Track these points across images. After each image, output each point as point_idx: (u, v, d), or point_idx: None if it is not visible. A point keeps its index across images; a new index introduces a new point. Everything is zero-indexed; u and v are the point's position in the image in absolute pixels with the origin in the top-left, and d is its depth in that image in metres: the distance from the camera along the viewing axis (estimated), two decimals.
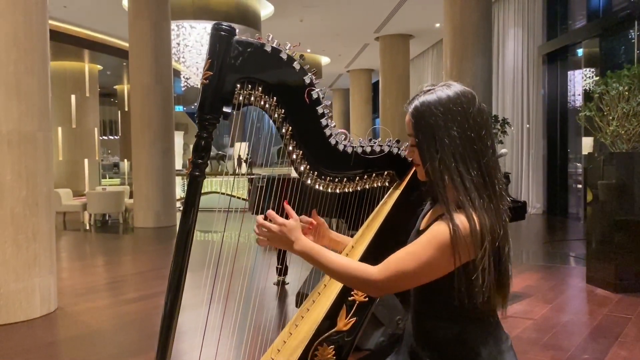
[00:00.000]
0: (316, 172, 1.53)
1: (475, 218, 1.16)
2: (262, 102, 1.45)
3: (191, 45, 11.57)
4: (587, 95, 8.71)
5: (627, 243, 4.92)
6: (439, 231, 1.17)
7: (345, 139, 1.53)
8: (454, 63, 9.49)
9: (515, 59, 11.00)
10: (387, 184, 1.63)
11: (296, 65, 1.46)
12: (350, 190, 1.59)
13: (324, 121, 1.50)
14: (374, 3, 11.77)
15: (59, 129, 15.18)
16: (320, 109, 1.49)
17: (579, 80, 9.81)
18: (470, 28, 9.35)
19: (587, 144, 9.35)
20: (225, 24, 1.38)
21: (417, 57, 17.36)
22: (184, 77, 12.24)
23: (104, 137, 23.12)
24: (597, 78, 8.78)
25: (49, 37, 4.45)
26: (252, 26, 11.75)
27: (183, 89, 13.09)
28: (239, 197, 9.13)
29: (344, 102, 24.12)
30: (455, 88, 1.27)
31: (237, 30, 1.41)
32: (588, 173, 5.77)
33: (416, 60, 17.42)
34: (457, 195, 1.19)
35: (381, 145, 1.57)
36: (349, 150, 1.53)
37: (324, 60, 18.17)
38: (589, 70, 9.48)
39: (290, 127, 1.47)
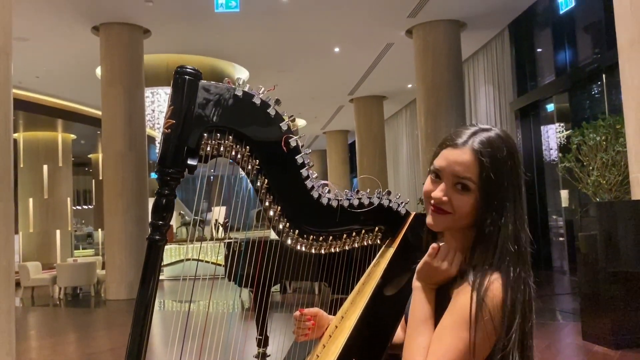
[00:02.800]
0: (297, 231, 1.33)
1: (509, 288, 1.00)
2: (234, 153, 1.27)
3: (165, 111, 11.50)
4: (563, 148, 8.79)
5: (620, 296, 4.76)
6: (466, 306, 0.99)
7: (329, 192, 1.35)
8: (428, 121, 9.60)
9: (488, 115, 11.17)
10: (378, 242, 1.44)
11: (271, 110, 1.30)
12: (337, 250, 1.39)
13: (304, 172, 1.32)
14: (346, 67, 11.99)
15: (30, 200, 14.76)
16: (300, 159, 1.31)
17: (552, 134, 9.96)
18: (442, 87, 9.53)
19: (564, 196, 9.38)
20: (189, 67, 1.23)
21: (392, 117, 17.63)
22: (158, 142, 12.12)
23: (77, 207, 22.60)
24: (569, 132, 8.95)
25: (12, 100, 4.28)
26: None
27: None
28: (216, 264, 8.81)
29: (321, 163, 24.20)
30: (501, 131, 1.10)
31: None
32: (575, 221, 5.69)
33: (390, 120, 17.67)
34: (496, 256, 1.02)
35: (370, 198, 1.39)
36: (334, 204, 1.35)
37: (300, 122, 18.31)
38: (560, 125, 9.65)
39: (266, 180, 1.29)
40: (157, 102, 11.52)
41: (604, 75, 7.76)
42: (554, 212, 10.16)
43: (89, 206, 23.17)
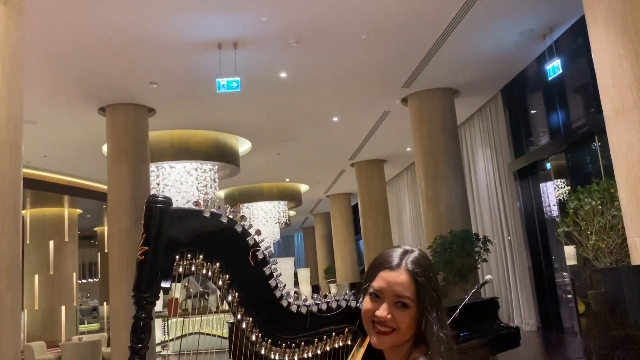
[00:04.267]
0: (270, 339, 1.40)
1: None
2: (205, 270, 1.37)
3: (171, 184, 11.74)
4: (562, 206, 8.84)
5: None
6: None
7: (297, 299, 1.43)
8: (429, 185, 9.71)
9: (488, 177, 11.30)
10: (349, 342, 1.50)
11: (238, 227, 1.40)
12: (310, 355, 1.45)
13: (272, 282, 1.41)
14: (345, 135, 12.30)
15: (36, 276, 14.77)
16: (267, 270, 1.41)
17: (552, 191, 10.04)
18: (439, 151, 9.70)
19: (569, 252, 9.31)
20: (160, 195, 1.34)
21: (393, 179, 17.81)
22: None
23: (82, 280, 22.53)
24: (568, 188, 9.04)
25: (21, 192, 4.44)
26: (231, 162, 12.07)
27: None
28: (220, 336, 8.73)
29: (325, 225, 24.23)
30: (421, 251, 1.27)
31: (172, 200, 1.36)
32: (576, 288, 5.65)
33: (392, 182, 17.84)
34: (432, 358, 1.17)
35: (337, 300, 1.47)
36: (304, 310, 1.43)
37: (303, 187, 18.53)
38: (560, 181, 9.73)
39: (237, 294, 1.38)
40: (162, 176, 11.75)
41: (596, 137, 7.91)
42: (561, 269, 10.06)
43: (95, 279, 23.11)
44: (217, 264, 1.37)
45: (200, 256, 1.35)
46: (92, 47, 7.34)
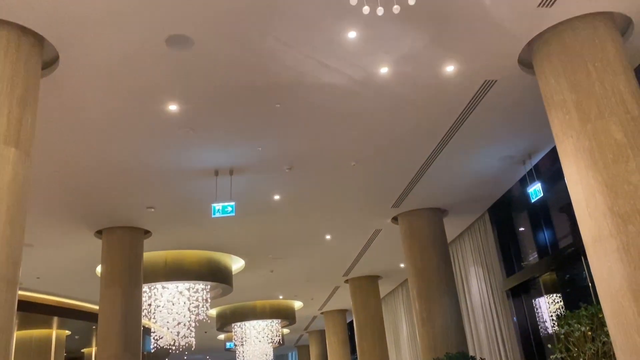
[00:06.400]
0: None
1: None
2: None
3: (162, 305, 11.63)
4: (559, 320, 8.75)
5: None
6: None
7: None
8: (423, 305, 9.67)
9: (481, 295, 11.28)
10: None
11: None
12: None
13: None
14: (338, 252, 12.43)
15: None
16: None
17: (545, 307, 10.00)
18: (432, 271, 9.77)
19: None
20: None
21: (388, 294, 17.63)
22: (154, 338, 12.03)
23: None
24: (561, 304, 9.01)
25: (14, 328, 4.46)
26: (224, 282, 12.05)
27: (153, 350, 12.71)
28: None
29: (320, 344, 23.47)
30: None
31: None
32: None
33: (388, 298, 17.64)
34: None
35: None
36: None
37: (297, 304, 18.25)
38: (556, 295, 9.71)
39: None
40: (154, 296, 11.67)
41: (582, 258, 8.07)
42: None
43: None
44: None
45: None
46: (92, 175, 7.67)
